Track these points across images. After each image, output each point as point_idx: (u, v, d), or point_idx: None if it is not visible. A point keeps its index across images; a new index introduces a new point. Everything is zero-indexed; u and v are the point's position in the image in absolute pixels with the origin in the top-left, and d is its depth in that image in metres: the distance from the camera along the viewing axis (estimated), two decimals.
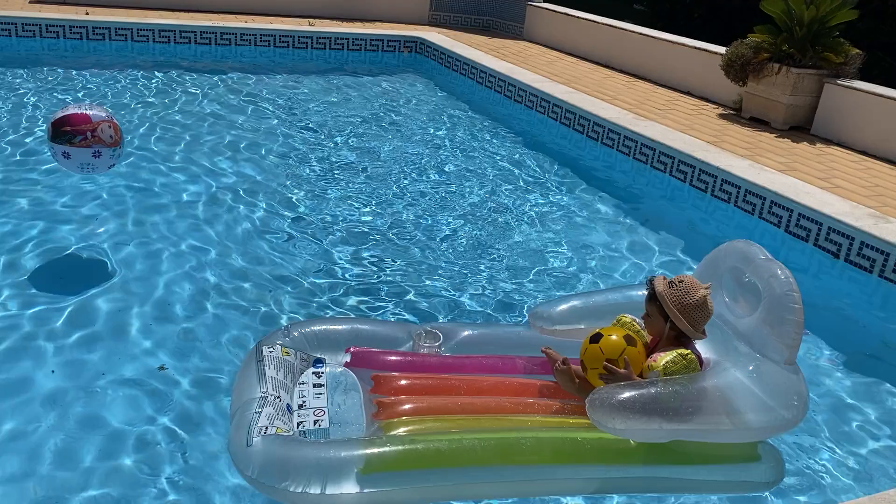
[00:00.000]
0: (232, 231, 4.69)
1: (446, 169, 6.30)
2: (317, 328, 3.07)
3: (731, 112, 7.87)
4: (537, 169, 6.52)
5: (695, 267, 4.86)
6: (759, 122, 7.48)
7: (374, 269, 4.36)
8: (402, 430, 2.58)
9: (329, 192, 5.50)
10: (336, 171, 5.95)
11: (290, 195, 5.35)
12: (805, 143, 6.94)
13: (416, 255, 4.61)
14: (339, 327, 3.11)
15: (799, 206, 5.09)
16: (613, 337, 2.76)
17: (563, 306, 3.22)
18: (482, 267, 4.56)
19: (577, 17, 10.62)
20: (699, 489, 2.72)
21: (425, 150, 6.71)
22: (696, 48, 8.65)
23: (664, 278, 2.83)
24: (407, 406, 2.72)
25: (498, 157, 6.71)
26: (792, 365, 2.70)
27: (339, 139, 6.78)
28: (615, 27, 9.94)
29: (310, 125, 7.13)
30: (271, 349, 2.85)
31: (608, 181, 6.34)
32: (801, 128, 7.38)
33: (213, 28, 9.50)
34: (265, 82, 8.48)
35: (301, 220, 4.96)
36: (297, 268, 4.26)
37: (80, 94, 7.16)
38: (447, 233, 5.01)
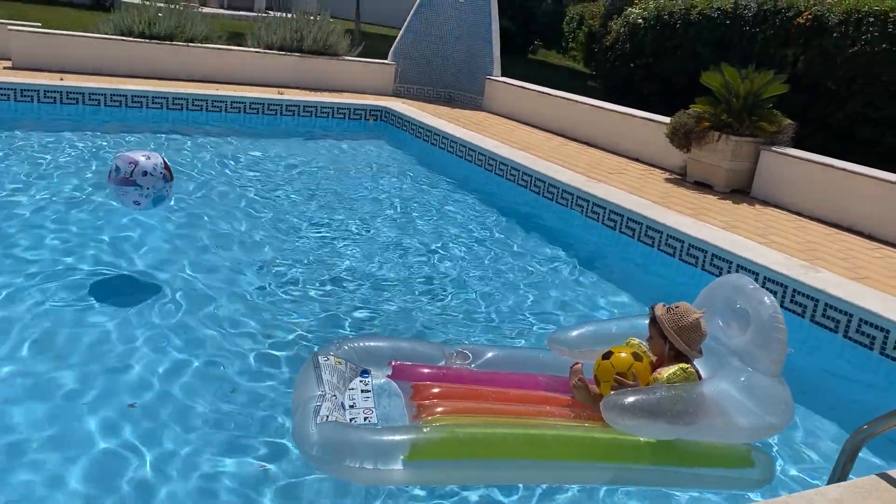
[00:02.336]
0: (192, 290, 4.72)
1: (411, 228, 6.61)
2: (363, 344, 3.51)
3: (678, 177, 8.41)
4: (495, 226, 6.88)
5: (645, 309, 5.25)
6: (703, 186, 8.01)
7: (333, 327, 4.49)
8: (441, 424, 2.97)
9: (296, 251, 5.71)
10: (301, 231, 6.21)
11: (255, 254, 5.50)
12: (745, 204, 7.45)
13: (378, 314, 4.82)
14: (382, 344, 3.56)
15: (737, 258, 5.50)
16: (623, 354, 3.18)
17: (579, 332, 3.66)
18: (444, 317, 4.82)
19: (532, 90, 11.26)
20: (699, 483, 3.09)
21: (389, 211, 7.03)
22: (642, 118, 9.26)
23: (663, 305, 3.25)
24: (443, 408, 3.09)
25: (459, 217, 7.06)
26: (777, 377, 3.12)
27: (302, 200, 7.07)
28: (567, 99, 10.57)
29: (277, 186, 7.41)
30: (326, 358, 3.28)
31: (563, 237, 6.72)
32: (741, 191, 7.92)
33: (184, 95, 9.85)
34: (235, 145, 8.80)
35: (267, 275, 5.09)
36: (257, 326, 4.29)
37: (51, 155, 7.37)
38: (411, 286, 5.28)
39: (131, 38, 11.00)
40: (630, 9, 15.68)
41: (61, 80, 9.66)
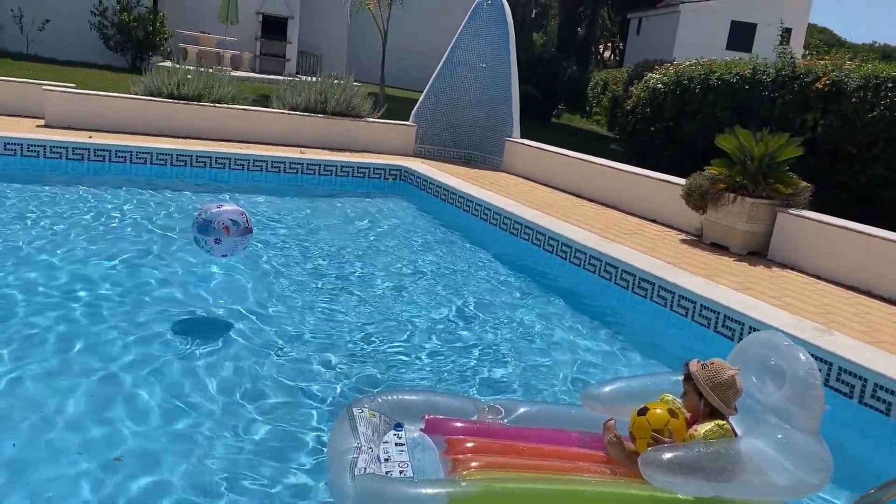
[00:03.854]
0: (209, 345, 4.77)
1: (427, 286, 6.61)
2: (397, 397, 3.49)
3: (694, 238, 8.36)
4: (510, 285, 6.86)
5: (655, 370, 5.15)
6: (719, 248, 7.94)
7: (354, 384, 4.50)
8: (478, 478, 2.95)
9: (312, 306, 5.72)
10: (317, 287, 6.25)
11: (272, 310, 5.55)
12: (761, 266, 7.37)
13: (394, 372, 4.78)
14: (415, 397, 3.54)
15: (749, 320, 5.41)
16: (658, 411, 3.14)
17: (612, 388, 3.61)
18: (466, 372, 4.79)
19: (550, 151, 11.36)
20: None
21: (407, 269, 7.05)
22: (659, 179, 9.27)
23: (698, 361, 3.22)
24: (478, 463, 3.07)
25: (474, 276, 7.06)
26: (815, 434, 3.06)
27: (322, 256, 7.13)
28: (585, 160, 10.64)
29: (295, 243, 7.49)
30: (361, 410, 3.28)
31: (575, 296, 6.67)
32: (758, 253, 7.84)
33: (208, 153, 10.10)
34: (256, 202, 8.95)
35: (284, 334, 5.09)
36: (278, 383, 4.30)
37: (76, 210, 7.55)
38: (428, 344, 5.25)
39: (160, 99, 11.36)
40: (650, 74, 15.90)
41: (90, 137, 9.96)
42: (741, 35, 35.87)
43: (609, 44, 52.87)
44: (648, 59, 23.48)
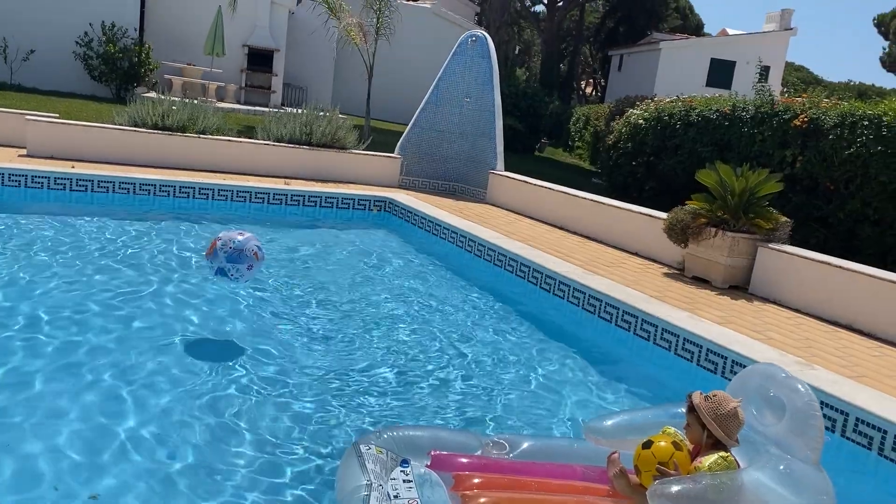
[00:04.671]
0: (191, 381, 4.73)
1: (410, 317, 6.59)
2: (402, 433, 3.52)
3: (676, 271, 8.41)
4: (492, 317, 6.85)
5: (644, 403, 5.15)
6: (701, 281, 8.00)
7: (334, 416, 4.47)
8: None
9: (296, 339, 5.70)
10: (301, 319, 6.21)
11: (257, 341, 5.52)
12: (743, 300, 7.42)
13: (381, 403, 4.76)
14: (421, 433, 3.58)
15: (732, 354, 5.43)
16: (662, 443, 3.16)
17: (614, 421, 3.66)
18: (446, 403, 4.75)
19: (533, 184, 11.45)
20: None
21: (391, 300, 7.03)
22: (641, 213, 9.35)
23: (700, 393, 3.27)
24: (487, 499, 3.11)
25: (458, 310, 7.05)
26: (817, 465, 3.10)
27: (304, 289, 7.10)
28: (568, 193, 10.73)
29: (279, 274, 7.46)
30: (368, 447, 3.31)
31: (559, 328, 6.67)
32: (740, 287, 7.90)
33: (191, 183, 10.07)
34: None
35: (271, 367, 5.06)
36: (260, 423, 4.24)
37: (52, 239, 7.48)
38: (411, 374, 5.23)
39: (144, 130, 11.35)
40: (632, 110, 16.13)
41: (72, 167, 9.91)
42: (721, 72, 36.55)
43: (591, 80, 53.70)
44: (629, 95, 23.85)
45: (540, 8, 47.67)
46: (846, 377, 5.11)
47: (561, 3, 41.31)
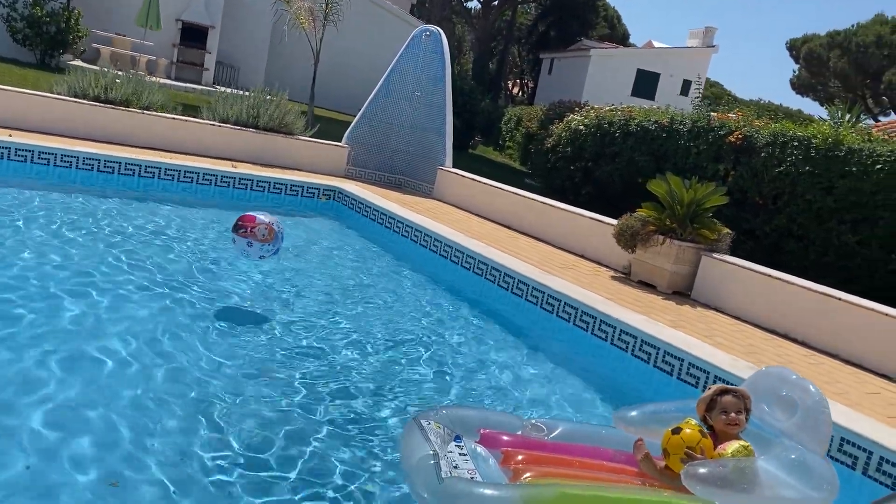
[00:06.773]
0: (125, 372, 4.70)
1: (358, 310, 6.64)
2: (455, 412, 3.80)
3: (622, 276, 8.77)
4: (448, 311, 7.00)
5: (599, 402, 5.38)
6: (646, 286, 8.37)
7: (274, 415, 4.43)
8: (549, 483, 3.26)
9: (238, 328, 5.61)
10: (246, 308, 6.18)
11: (197, 330, 5.36)
12: (687, 305, 7.82)
13: (328, 390, 4.82)
14: (471, 413, 3.89)
15: (689, 356, 5.75)
16: (689, 430, 3.51)
17: (641, 411, 4.00)
18: (394, 399, 4.83)
19: (483, 183, 11.66)
20: None
21: (337, 292, 7.04)
22: (590, 218, 9.69)
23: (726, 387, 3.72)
24: (535, 472, 3.37)
25: (417, 304, 7.15)
26: (824, 457, 3.49)
27: (248, 274, 7.04)
28: (517, 194, 10.98)
29: (222, 259, 7.34)
30: (427, 422, 3.56)
31: (517, 327, 6.87)
32: (682, 293, 8.31)
33: (137, 161, 9.77)
34: (184, 216, 8.73)
35: (211, 360, 4.85)
36: (210, 407, 4.15)
37: None
38: (357, 370, 5.27)
39: (86, 101, 10.92)
40: (572, 115, 16.57)
41: (9, 136, 9.45)
42: (646, 83, 37.88)
43: (518, 80, 54.51)
44: (562, 99, 24.41)
45: (473, 4, 48.12)
46: None
47: (496, 2, 41.77)
